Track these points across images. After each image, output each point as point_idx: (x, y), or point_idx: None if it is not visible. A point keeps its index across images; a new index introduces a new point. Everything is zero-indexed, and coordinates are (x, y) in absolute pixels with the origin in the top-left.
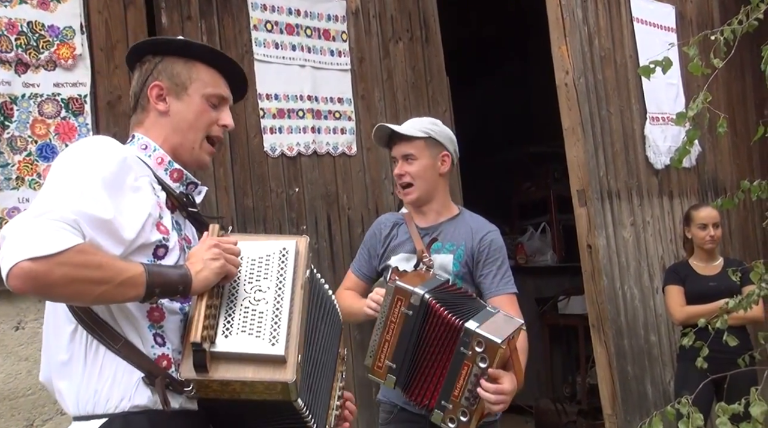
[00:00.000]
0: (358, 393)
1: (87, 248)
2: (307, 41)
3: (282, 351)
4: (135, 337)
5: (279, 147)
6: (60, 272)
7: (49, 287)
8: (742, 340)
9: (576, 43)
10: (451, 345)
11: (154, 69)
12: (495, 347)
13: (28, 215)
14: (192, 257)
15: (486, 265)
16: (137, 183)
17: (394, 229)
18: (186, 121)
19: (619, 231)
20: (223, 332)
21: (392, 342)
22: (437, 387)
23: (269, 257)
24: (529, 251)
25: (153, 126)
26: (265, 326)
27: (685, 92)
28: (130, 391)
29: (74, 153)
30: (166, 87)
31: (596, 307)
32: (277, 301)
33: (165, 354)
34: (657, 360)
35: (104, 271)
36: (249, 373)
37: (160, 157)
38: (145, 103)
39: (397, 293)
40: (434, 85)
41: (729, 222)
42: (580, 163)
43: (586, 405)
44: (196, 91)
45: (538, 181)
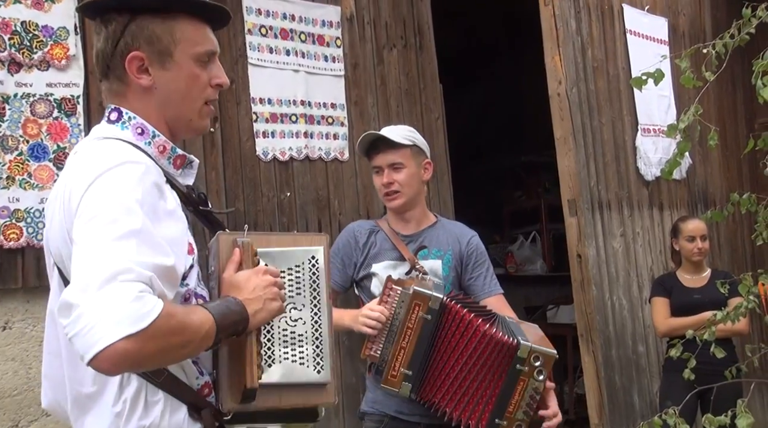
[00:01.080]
0: (346, 400)
1: (170, 310)
2: (302, 46)
3: (328, 377)
4: (178, 370)
5: (271, 151)
6: (153, 346)
7: (143, 362)
8: (728, 352)
9: (569, 54)
10: (497, 359)
11: (125, 31)
12: (551, 358)
13: (95, 281)
14: (244, 289)
15: (475, 268)
16: (169, 205)
17: (372, 236)
18: (178, 92)
19: (609, 241)
20: (265, 360)
21: (408, 349)
22: (487, 406)
23: (299, 268)
24: (519, 259)
25: (138, 101)
26: (307, 351)
27: (676, 104)
28: (183, 423)
29: (109, 189)
30: (147, 56)
31: (585, 317)
32: (315, 321)
33: (206, 383)
34: (644, 371)
35: (188, 333)
36: (292, 399)
37: (162, 144)
38: (121, 73)
39: (414, 298)
40: (427, 92)
41: (718, 235)
42: (571, 173)
43: (573, 415)
44: (183, 53)
45: (529, 190)
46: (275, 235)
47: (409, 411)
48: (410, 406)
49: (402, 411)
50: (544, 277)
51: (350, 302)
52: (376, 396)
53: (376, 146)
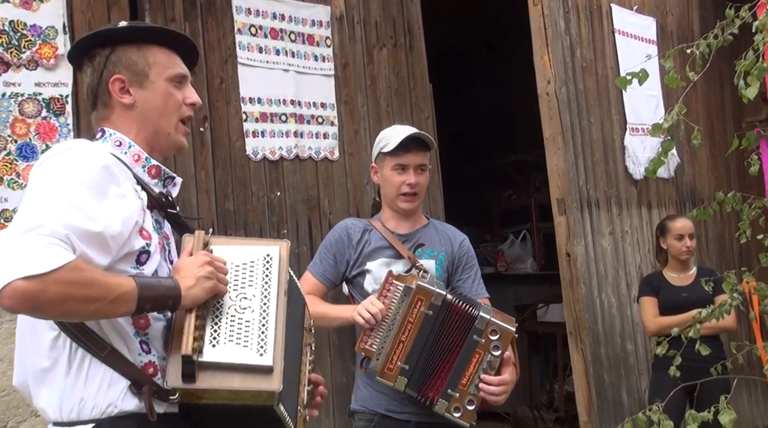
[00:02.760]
0: (336, 398)
1: (80, 264)
2: (291, 46)
3: (270, 361)
4: (121, 345)
5: (261, 151)
6: (54, 290)
7: (44, 305)
8: (715, 349)
9: (558, 53)
10: (463, 335)
11: (107, 62)
12: (509, 334)
13: (16, 231)
14: (182, 270)
15: (465, 270)
16: (122, 190)
17: (366, 234)
18: (155, 108)
19: (598, 240)
20: (211, 341)
21: (407, 344)
22: (445, 377)
23: (253, 264)
24: (509, 258)
25: (121, 120)
26: (252, 335)
27: (664, 104)
28: (117, 398)
29: (56, 162)
30: (127, 78)
31: (574, 315)
32: (263, 309)
33: (151, 362)
34: (633, 369)
35: (97, 288)
36: (236, 382)
37: (137, 154)
38: (107, 98)
39: (418, 293)
40: (417, 91)
41: (706, 233)
42: (561, 172)
43: (563, 413)
44: (158, 75)
45: (519, 189)
46: (239, 238)
47: (399, 409)
48: (401, 404)
49: (392, 409)
50: (534, 276)
51: (339, 300)
52: (366, 394)
53: (407, 145)
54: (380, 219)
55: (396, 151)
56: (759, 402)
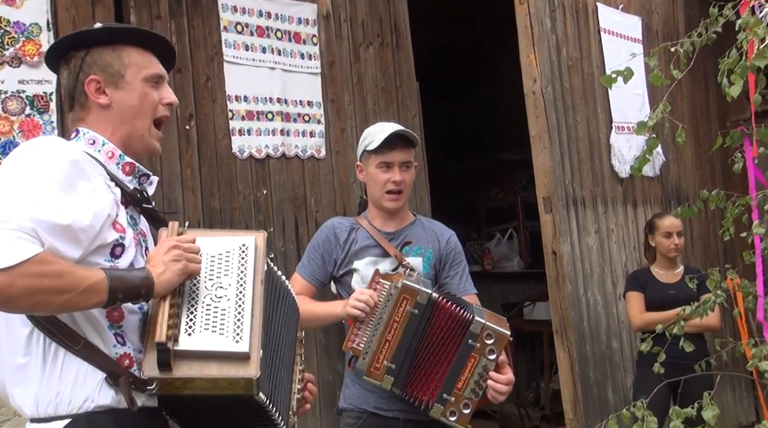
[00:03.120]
0: (323, 397)
1: (47, 257)
2: (278, 44)
3: (246, 347)
4: (95, 338)
5: (247, 149)
6: (21, 283)
7: (11, 299)
8: (699, 347)
9: (544, 52)
10: (457, 338)
11: (83, 64)
12: (504, 338)
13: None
14: (152, 259)
15: (453, 267)
16: (92, 184)
17: (352, 233)
18: (131, 108)
19: (584, 238)
20: (186, 330)
21: (393, 343)
22: (438, 382)
23: (229, 254)
24: (496, 256)
25: (97, 121)
26: (228, 323)
27: (650, 102)
28: (94, 392)
29: (24, 157)
30: (103, 79)
31: (560, 313)
32: (239, 298)
33: (127, 353)
34: (618, 366)
35: (66, 280)
36: (213, 370)
37: (110, 151)
38: (83, 100)
39: (403, 292)
40: (404, 90)
41: (691, 231)
42: (547, 170)
43: (549, 410)
44: (133, 76)
45: (506, 187)
46: (216, 230)
47: (387, 407)
48: (389, 402)
49: (380, 407)
50: (520, 274)
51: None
52: (355, 392)
53: (392, 142)
54: (367, 217)
55: (380, 148)
56: (743, 399)
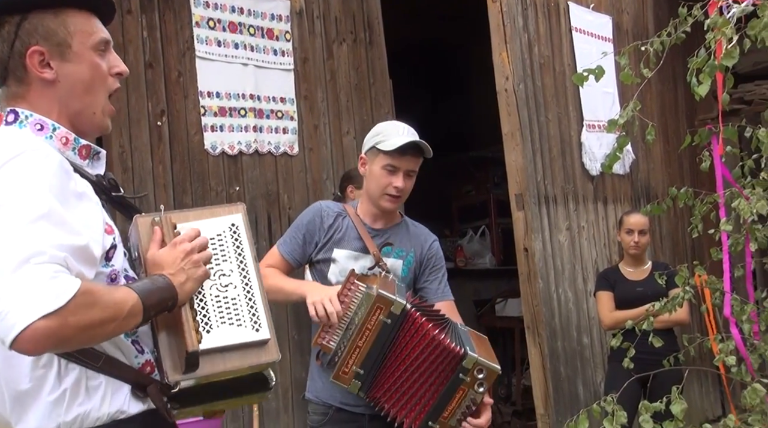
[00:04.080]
0: (295, 394)
1: (87, 288)
2: (250, 40)
3: (267, 334)
4: (115, 351)
5: (220, 145)
6: (74, 322)
7: (67, 341)
8: (669, 342)
9: (516, 50)
10: (446, 367)
11: (19, 30)
12: (495, 374)
13: (8, 265)
14: (166, 264)
15: (432, 272)
16: (78, 187)
17: (338, 220)
18: (82, 82)
19: (555, 235)
20: (204, 327)
21: (364, 349)
22: (424, 408)
23: (221, 237)
24: (468, 253)
25: (40, 99)
26: (242, 312)
27: (620, 101)
28: (124, 404)
29: (16, 172)
30: (47, 50)
31: (531, 309)
32: (245, 283)
33: (148, 360)
34: (589, 362)
35: (110, 309)
36: (236, 362)
37: (64, 136)
38: (21, 73)
39: (378, 301)
40: (377, 87)
41: (660, 228)
42: (519, 167)
43: (520, 406)
44: (81, 44)
45: (478, 185)
46: (192, 210)
47: (354, 403)
48: (355, 398)
49: (347, 402)
50: (492, 270)
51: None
52: (320, 385)
53: (405, 150)
54: (356, 208)
55: (392, 153)
56: (709, 393)
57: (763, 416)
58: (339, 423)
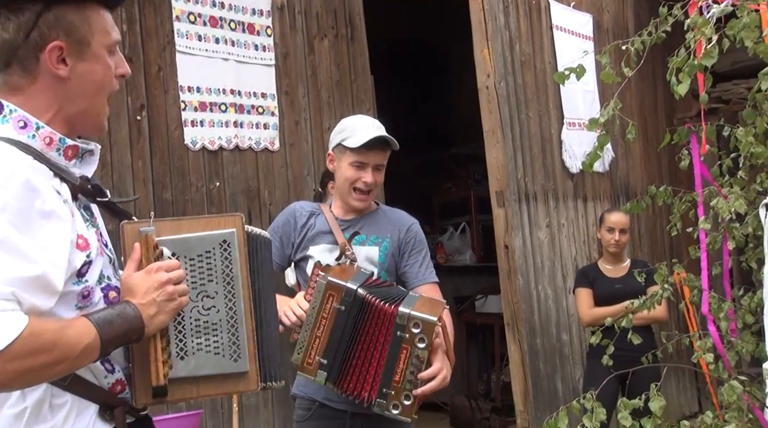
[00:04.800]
0: (274, 392)
1: (35, 327)
2: (231, 35)
3: (246, 366)
4: (85, 371)
5: (200, 140)
6: (12, 368)
7: (5, 384)
8: (647, 339)
9: (498, 48)
10: (386, 333)
11: (39, 21)
12: (432, 325)
13: None
14: (137, 292)
15: (412, 255)
16: (46, 205)
17: (311, 218)
18: (94, 83)
19: (535, 232)
20: (178, 353)
21: (323, 338)
22: (376, 378)
23: (210, 255)
24: (448, 250)
25: (42, 94)
26: (222, 340)
27: (600, 99)
28: (88, 425)
29: None
30: (67, 46)
31: (511, 306)
32: (229, 308)
33: (118, 380)
34: (568, 359)
35: (59, 351)
36: (210, 390)
37: (48, 136)
38: (31, 65)
39: (329, 289)
40: (359, 83)
41: (639, 226)
42: (500, 165)
43: (500, 402)
44: (99, 44)
45: (459, 182)
46: (186, 220)
47: (337, 399)
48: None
49: (331, 398)
50: (473, 267)
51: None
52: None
53: (369, 145)
54: (330, 205)
55: (358, 149)
56: (686, 389)
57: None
58: (321, 418)
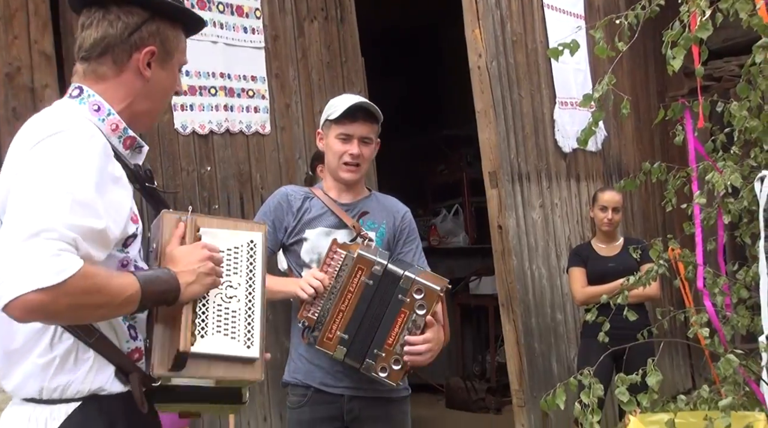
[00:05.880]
0: (270, 375)
1: (89, 271)
2: (220, 17)
3: (257, 353)
4: (110, 331)
5: (190, 125)
6: (65, 301)
7: (54, 316)
8: (641, 316)
9: (489, 27)
10: (385, 291)
11: (145, 26)
12: (434, 293)
13: (19, 234)
14: (180, 261)
15: (407, 243)
16: (116, 171)
17: (306, 202)
18: (164, 89)
19: (529, 212)
20: (199, 332)
21: (347, 313)
22: (371, 337)
23: (237, 251)
24: (442, 232)
25: (121, 87)
26: (239, 326)
27: (593, 78)
28: (106, 383)
29: (52, 148)
30: (158, 53)
31: (505, 286)
32: (249, 300)
33: (137, 347)
34: (563, 338)
35: (105, 294)
36: (220, 371)
37: (115, 123)
38: (123, 59)
39: (358, 262)
40: (349, 65)
41: (632, 204)
42: (492, 145)
43: (495, 383)
44: (177, 61)
45: (451, 164)
46: (219, 218)
47: (333, 383)
48: (334, 379)
49: (327, 383)
50: (466, 249)
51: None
52: (300, 366)
53: (353, 114)
54: (322, 188)
55: (341, 119)
56: (680, 367)
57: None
58: (318, 404)
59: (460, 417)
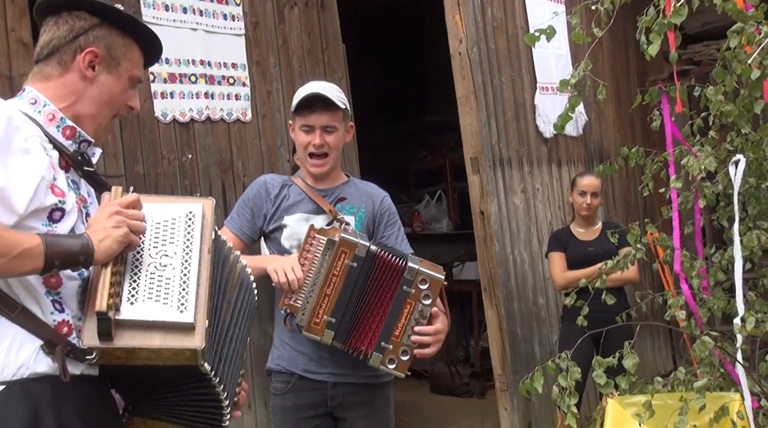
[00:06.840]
0: (255, 361)
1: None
2: (199, 4)
3: (191, 318)
4: (33, 304)
5: (171, 112)
6: None
7: None
8: (620, 300)
9: (469, 13)
10: (393, 287)
11: (90, 31)
12: (439, 282)
13: None
14: (93, 224)
15: (387, 227)
16: (26, 144)
17: (284, 189)
18: (109, 95)
19: (510, 198)
20: (129, 299)
21: (333, 297)
22: (376, 332)
23: (175, 221)
24: (425, 218)
25: (66, 86)
26: (172, 292)
27: (573, 63)
28: (29, 359)
29: None
30: (101, 56)
31: (488, 272)
32: (184, 267)
33: (65, 320)
34: (545, 322)
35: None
36: (156, 340)
37: (51, 112)
38: (67, 60)
39: (341, 245)
40: (330, 51)
41: (613, 189)
42: (474, 131)
43: (479, 367)
44: (126, 70)
45: (434, 150)
46: (163, 196)
47: (316, 370)
48: (318, 365)
49: (309, 369)
50: (449, 235)
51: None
52: (284, 353)
53: (311, 104)
54: (300, 176)
55: (300, 110)
56: (661, 349)
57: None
58: (301, 390)
59: (444, 402)
